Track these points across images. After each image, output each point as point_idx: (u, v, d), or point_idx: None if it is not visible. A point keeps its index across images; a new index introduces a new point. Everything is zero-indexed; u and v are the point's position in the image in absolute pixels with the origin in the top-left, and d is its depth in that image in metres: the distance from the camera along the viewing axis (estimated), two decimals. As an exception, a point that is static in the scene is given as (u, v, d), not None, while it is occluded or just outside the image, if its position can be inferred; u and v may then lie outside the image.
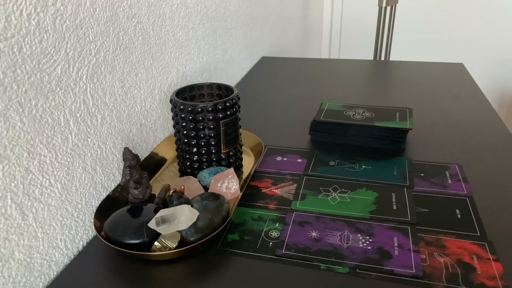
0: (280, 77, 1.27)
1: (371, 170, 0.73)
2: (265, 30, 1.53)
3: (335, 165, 0.76)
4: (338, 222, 0.60)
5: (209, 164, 0.71)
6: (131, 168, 0.61)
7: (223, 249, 0.56)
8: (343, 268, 0.52)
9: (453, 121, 0.92)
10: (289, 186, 0.70)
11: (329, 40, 2.74)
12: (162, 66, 0.80)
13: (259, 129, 0.92)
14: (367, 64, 1.37)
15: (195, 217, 0.55)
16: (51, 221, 0.55)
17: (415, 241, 0.56)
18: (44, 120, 0.52)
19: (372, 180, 0.70)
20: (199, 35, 0.96)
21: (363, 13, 2.59)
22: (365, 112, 0.87)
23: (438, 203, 0.64)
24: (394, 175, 0.72)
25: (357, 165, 0.75)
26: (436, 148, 0.81)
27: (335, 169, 0.74)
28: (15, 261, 0.49)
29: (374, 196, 0.66)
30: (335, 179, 0.71)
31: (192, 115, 0.67)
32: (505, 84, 2.49)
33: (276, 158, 0.79)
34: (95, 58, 0.60)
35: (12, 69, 0.46)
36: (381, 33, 1.85)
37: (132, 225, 0.55)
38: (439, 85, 1.15)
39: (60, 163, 0.55)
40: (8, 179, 0.47)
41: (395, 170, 0.73)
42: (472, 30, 2.42)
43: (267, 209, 0.64)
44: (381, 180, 0.70)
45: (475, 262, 0.52)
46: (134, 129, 0.73)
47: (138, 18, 0.71)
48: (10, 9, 0.45)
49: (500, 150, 0.79)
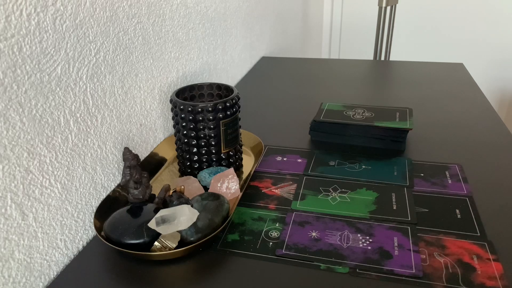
0: (280, 77, 1.27)
1: (371, 170, 0.73)
2: (265, 30, 1.53)
3: (335, 165, 0.76)
4: (338, 222, 0.60)
5: (209, 164, 0.71)
6: (131, 168, 0.61)
7: (223, 249, 0.56)
8: (343, 268, 0.52)
9: (453, 121, 0.92)
10: (289, 186, 0.70)
11: (329, 40, 2.74)
12: (162, 66, 0.80)
13: (259, 129, 0.92)
14: (367, 64, 1.37)
15: (195, 217, 0.55)
16: (51, 221, 0.55)
17: (415, 241, 0.56)
18: (44, 120, 0.52)
19: (372, 180, 0.70)
20: (199, 35, 0.96)
21: (363, 13, 2.59)
22: (365, 112, 0.87)
23: (438, 203, 0.64)
24: (394, 175, 0.72)
25: (357, 165, 0.75)
26: (436, 148, 0.81)
27: (335, 169, 0.74)
28: (15, 261, 0.49)
29: (374, 196, 0.66)
30: (335, 179, 0.71)
31: (192, 115, 0.67)
32: (505, 84, 2.49)
33: (276, 158, 0.79)
34: (95, 58, 0.60)
35: (12, 69, 0.46)
36: (381, 33, 1.85)
37: (132, 225, 0.55)
38: (439, 85, 1.15)
39: (60, 163, 0.55)
40: (8, 179, 0.47)
41: (395, 170, 0.73)
42: (472, 30, 2.42)
43: (267, 209, 0.64)
44: (381, 180, 0.70)
45: (475, 262, 0.52)
46: (134, 129, 0.73)
47: (138, 18, 0.71)
48: (10, 9, 0.45)
49: (500, 150, 0.79)
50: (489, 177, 0.70)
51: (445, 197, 0.65)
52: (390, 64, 1.36)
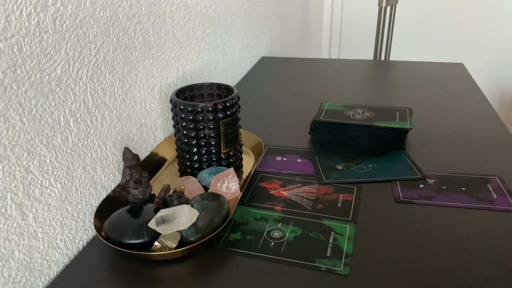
0: (280, 77, 1.27)
1: (380, 168, 0.74)
2: (265, 30, 1.53)
3: (343, 168, 0.75)
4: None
5: (209, 164, 0.71)
6: (131, 168, 0.61)
7: (224, 248, 0.56)
8: (343, 270, 0.52)
9: (452, 121, 0.92)
10: (297, 188, 0.69)
11: (329, 40, 2.74)
12: (162, 66, 0.80)
13: (259, 129, 0.92)
14: (367, 64, 1.37)
15: (195, 217, 0.55)
16: (51, 221, 0.54)
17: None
18: (44, 120, 0.52)
19: (388, 178, 0.71)
20: (199, 35, 0.96)
21: (363, 13, 2.59)
22: (365, 112, 0.87)
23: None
24: (402, 169, 0.73)
25: (363, 165, 0.75)
26: (436, 148, 0.81)
27: (347, 172, 0.74)
28: (15, 261, 0.49)
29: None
30: (354, 183, 0.71)
31: (192, 115, 0.67)
32: (505, 84, 2.49)
33: (276, 158, 0.79)
34: (95, 58, 0.60)
35: (12, 69, 0.46)
36: (381, 33, 1.85)
37: (132, 225, 0.55)
38: (439, 85, 1.15)
39: (60, 163, 0.55)
40: (8, 179, 0.47)
41: (400, 164, 0.74)
42: (472, 30, 2.42)
43: (273, 210, 0.64)
44: (395, 175, 0.71)
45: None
46: (134, 129, 0.73)
47: (138, 18, 0.71)
48: (10, 9, 0.45)
49: (500, 150, 0.79)
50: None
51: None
52: (390, 64, 1.36)
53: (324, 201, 0.66)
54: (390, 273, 0.51)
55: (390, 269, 0.52)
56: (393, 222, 0.60)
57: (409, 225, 0.60)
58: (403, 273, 0.51)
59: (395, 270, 0.52)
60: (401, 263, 0.53)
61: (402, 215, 0.62)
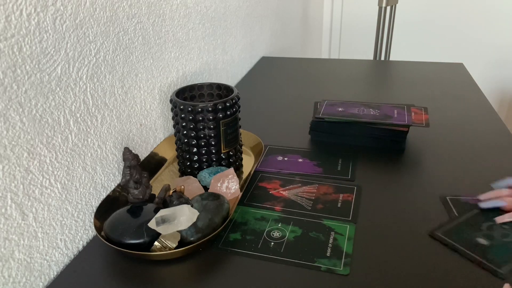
0: (280, 77, 1.27)
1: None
2: (265, 30, 1.53)
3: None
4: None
5: (209, 164, 0.71)
6: (131, 168, 0.61)
7: (224, 248, 0.56)
8: (343, 270, 0.52)
9: (452, 121, 0.92)
10: (297, 188, 0.69)
11: (329, 40, 2.74)
12: (162, 66, 0.80)
13: (259, 129, 0.92)
14: (367, 64, 1.37)
15: (195, 217, 0.55)
16: (51, 221, 0.54)
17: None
18: (44, 120, 0.52)
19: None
20: (199, 35, 0.96)
21: (363, 13, 2.59)
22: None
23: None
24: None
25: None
26: (435, 148, 0.81)
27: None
28: (15, 261, 0.49)
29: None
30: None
31: (192, 115, 0.67)
32: (505, 84, 2.49)
33: (277, 158, 0.79)
34: (95, 58, 0.60)
35: (12, 69, 0.46)
36: (381, 33, 1.85)
37: (132, 225, 0.55)
38: (439, 85, 1.15)
39: (60, 163, 0.55)
40: (8, 179, 0.47)
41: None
42: (472, 30, 2.41)
43: (273, 210, 0.64)
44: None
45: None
46: (134, 129, 0.73)
47: (138, 18, 0.71)
48: (10, 9, 0.45)
49: (500, 150, 0.79)
50: (489, 177, 0.70)
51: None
52: (390, 64, 1.36)
53: (324, 201, 0.66)
54: (390, 273, 0.51)
55: (390, 269, 0.52)
56: (393, 222, 0.60)
57: (409, 224, 0.60)
58: (403, 273, 0.51)
59: (395, 270, 0.52)
60: (401, 263, 0.53)
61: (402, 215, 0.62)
